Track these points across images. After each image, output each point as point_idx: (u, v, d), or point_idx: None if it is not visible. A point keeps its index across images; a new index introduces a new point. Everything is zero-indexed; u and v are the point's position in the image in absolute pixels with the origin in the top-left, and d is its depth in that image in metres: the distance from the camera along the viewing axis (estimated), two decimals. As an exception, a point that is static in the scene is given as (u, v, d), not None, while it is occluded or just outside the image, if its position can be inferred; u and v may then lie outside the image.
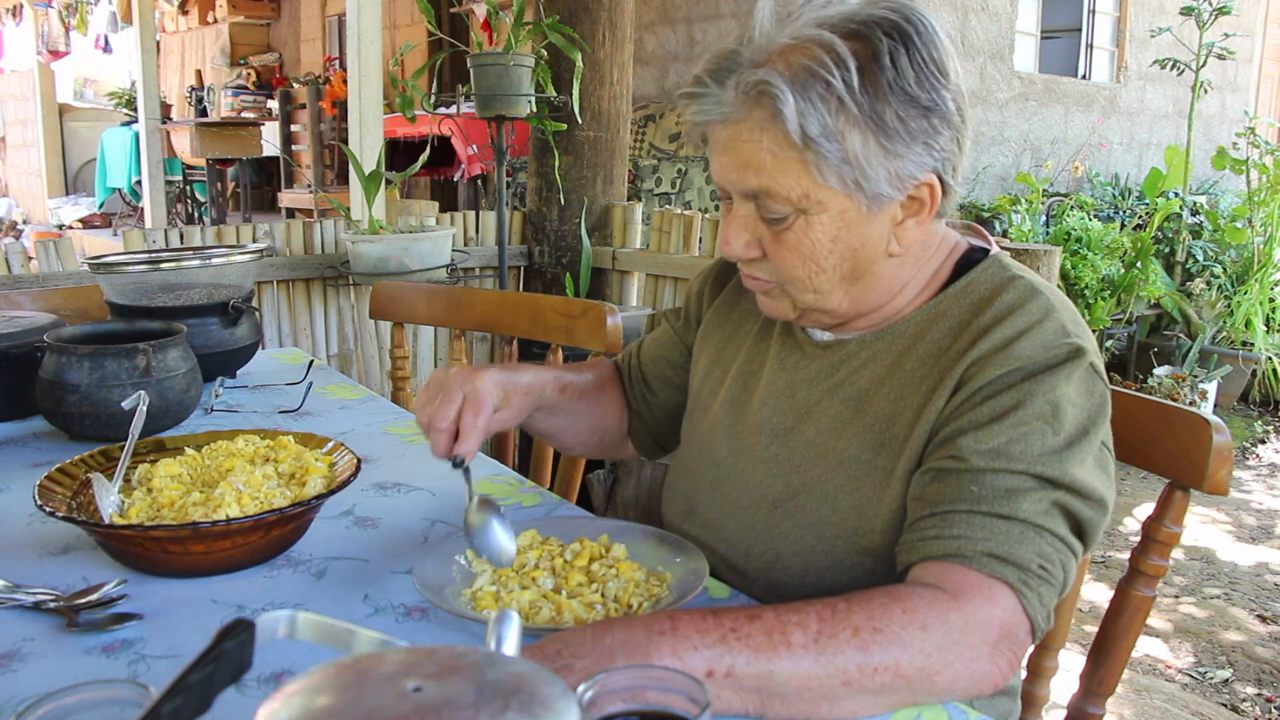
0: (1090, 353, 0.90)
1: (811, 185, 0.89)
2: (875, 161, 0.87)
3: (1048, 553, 0.83)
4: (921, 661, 0.77)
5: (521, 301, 1.87)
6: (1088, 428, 0.88)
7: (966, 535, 0.83)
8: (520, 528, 1.05)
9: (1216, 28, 5.43)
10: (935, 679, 0.78)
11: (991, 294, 0.95)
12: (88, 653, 0.84)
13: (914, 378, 0.95)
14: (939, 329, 0.96)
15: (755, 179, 0.90)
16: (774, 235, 0.93)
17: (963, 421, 0.88)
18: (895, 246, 0.94)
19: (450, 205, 6.30)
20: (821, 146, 0.86)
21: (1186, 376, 4.85)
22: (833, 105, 0.85)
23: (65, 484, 1.05)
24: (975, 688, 0.80)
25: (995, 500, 0.84)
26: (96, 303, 1.92)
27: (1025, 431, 0.86)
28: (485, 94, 3.10)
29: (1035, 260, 3.41)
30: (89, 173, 9.64)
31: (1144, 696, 2.46)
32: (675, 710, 0.61)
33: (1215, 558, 3.49)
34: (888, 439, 0.94)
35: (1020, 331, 0.90)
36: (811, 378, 1.02)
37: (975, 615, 0.80)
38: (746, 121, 0.88)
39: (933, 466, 0.89)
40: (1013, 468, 0.85)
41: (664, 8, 6.36)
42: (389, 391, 2.77)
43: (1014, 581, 0.82)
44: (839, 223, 0.91)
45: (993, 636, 0.80)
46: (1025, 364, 0.88)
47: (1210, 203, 6.05)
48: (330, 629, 0.63)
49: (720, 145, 0.92)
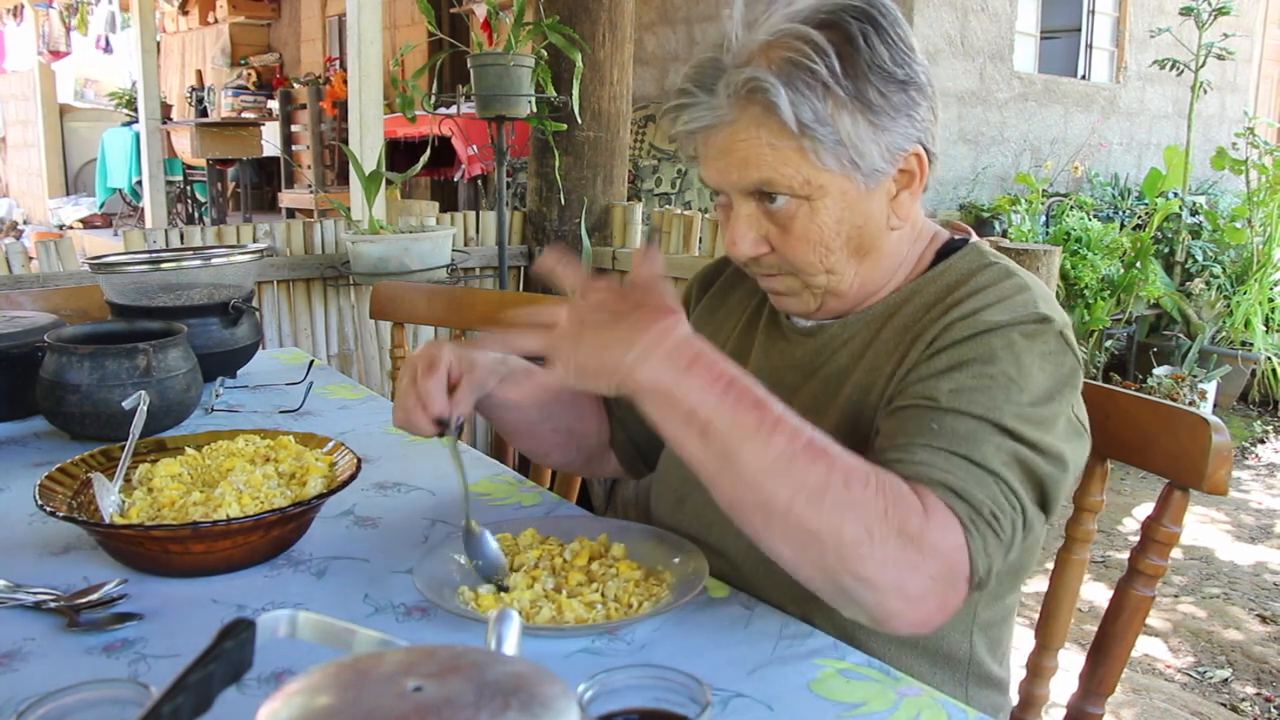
0: (1059, 324, 0.91)
1: (812, 171, 0.91)
2: (866, 139, 0.91)
3: (1001, 503, 0.83)
4: (862, 537, 0.77)
5: (522, 301, 1.87)
6: (1054, 394, 0.88)
7: (927, 462, 0.83)
8: (520, 527, 1.06)
9: (1216, 28, 5.43)
10: (864, 563, 0.77)
11: (967, 275, 0.98)
12: (88, 652, 0.84)
13: (887, 348, 0.97)
14: (913, 305, 0.98)
15: (757, 174, 0.92)
16: (780, 228, 0.95)
17: (923, 369, 0.90)
18: (895, 220, 0.97)
19: (450, 205, 6.30)
20: (816, 131, 0.89)
21: (1186, 376, 4.85)
22: (820, 91, 0.89)
23: (66, 484, 1.05)
24: (894, 605, 0.78)
25: (954, 440, 0.84)
26: (97, 303, 1.93)
27: (988, 383, 0.86)
28: (485, 94, 3.10)
29: (1035, 260, 3.41)
30: (89, 173, 9.65)
31: (1143, 696, 2.46)
32: (675, 710, 0.61)
33: (1214, 557, 3.49)
34: (864, 408, 0.96)
35: (990, 302, 0.92)
36: (795, 363, 1.05)
37: (931, 534, 0.79)
38: (741, 120, 0.91)
39: (894, 406, 0.90)
40: (973, 410, 0.85)
41: (664, 8, 6.37)
42: (389, 391, 2.78)
43: (964, 519, 0.81)
44: (841, 203, 0.94)
45: (935, 566, 0.79)
46: (990, 325, 0.89)
47: (1210, 203, 6.05)
48: (330, 629, 0.63)
49: (716, 149, 0.94)
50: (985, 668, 1.03)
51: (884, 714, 0.78)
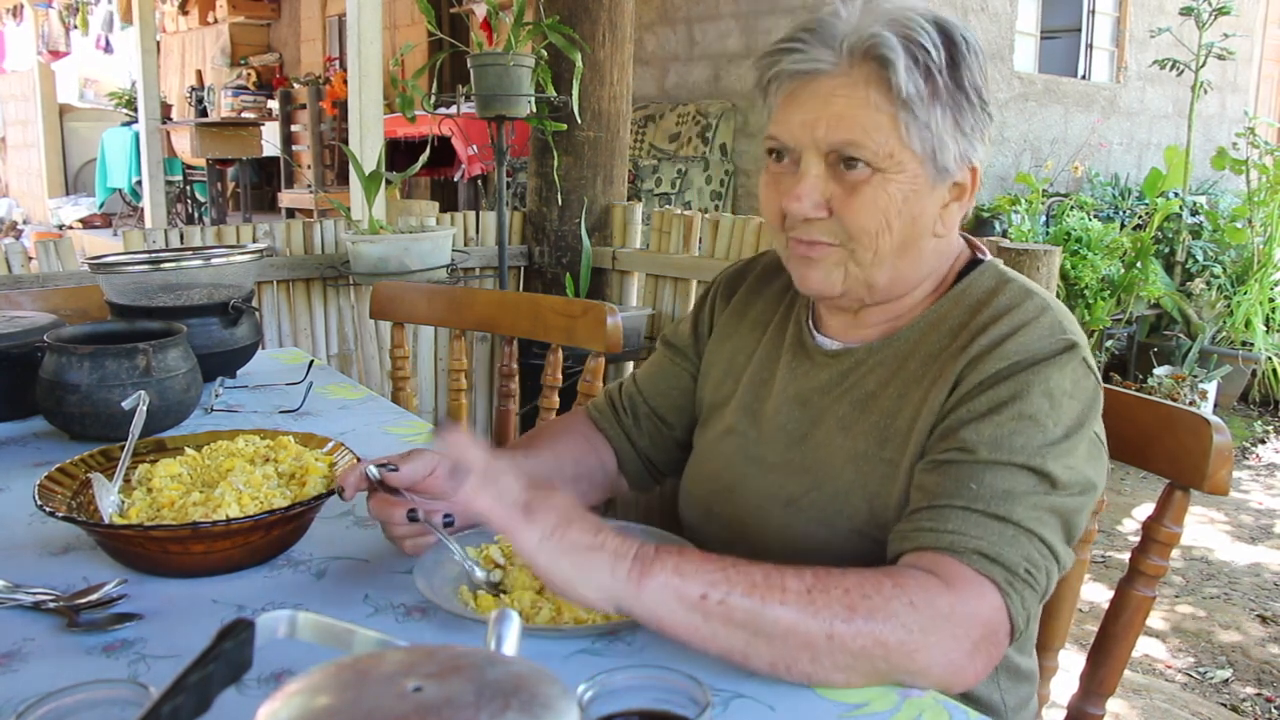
0: (1082, 348, 0.94)
1: (897, 144, 0.94)
2: (949, 135, 0.95)
3: (1035, 558, 0.86)
4: (903, 635, 0.79)
5: (521, 301, 1.87)
6: (1083, 420, 0.91)
7: (960, 531, 0.86)
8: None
9: (1216, 28, 5.42)
10: (914, 656, 0.79)
11: (988, 296, 0.99)
12: (88, 652, 0.84)
13: (915, 376, 0.98)
14: (940, 331, 1.00)
15: (848, 132, 0.93)
16: (847, 191, 0.96)
17: (962, 413, 0.91)
18: (940, 227, 1.00)
19: (450, 205, 6.30)
20: (915, 108, 0.92)
21: (1186, 376, 4.85)
22: (926, 75, 0.93)
23: (65, 484, 1.05)
24: (950, 679, 0.81)
25: (992, 500, 0.86)
26: (97, 303, 1.92)
27: (1024, 424, 0.89)
28: (485, 94, 3.10)
29: (1035, 260, 3.40)
30: (89, 173, 9.64)
31: (1144, 696, 2.46)
32: (675, 710, 0.61)
33: (1214, 557, 3.49)
34: (892, 433, 0.97)
35: (1016, 328, 0.94)
36: (822, 385, 1.05)
37: (963, 606, 0.82)
38: (851, 75, 0.94)
39: (935, 458, 0.92)
40: (1013, 460, 0.87)
41: (664, 8, 6.37)
42: (389, 391, 2.77)
43: (1000, 582, 0.84)
44: (910, 187, 0.96)
45: (977, 632, 0.82)
46: (1021, 358, 0.92)
47: (1210, 203, 6.04)
48: (330, 629, 0.63)
49: (810, 98, 0.95)
50: (1012, 661, 1.04)
51: (886, 714, 0.78)
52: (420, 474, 0.98)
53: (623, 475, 1.25)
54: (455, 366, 1.97)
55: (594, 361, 1.73)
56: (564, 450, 1.19)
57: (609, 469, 1.23)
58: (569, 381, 2.01)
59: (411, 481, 0.97)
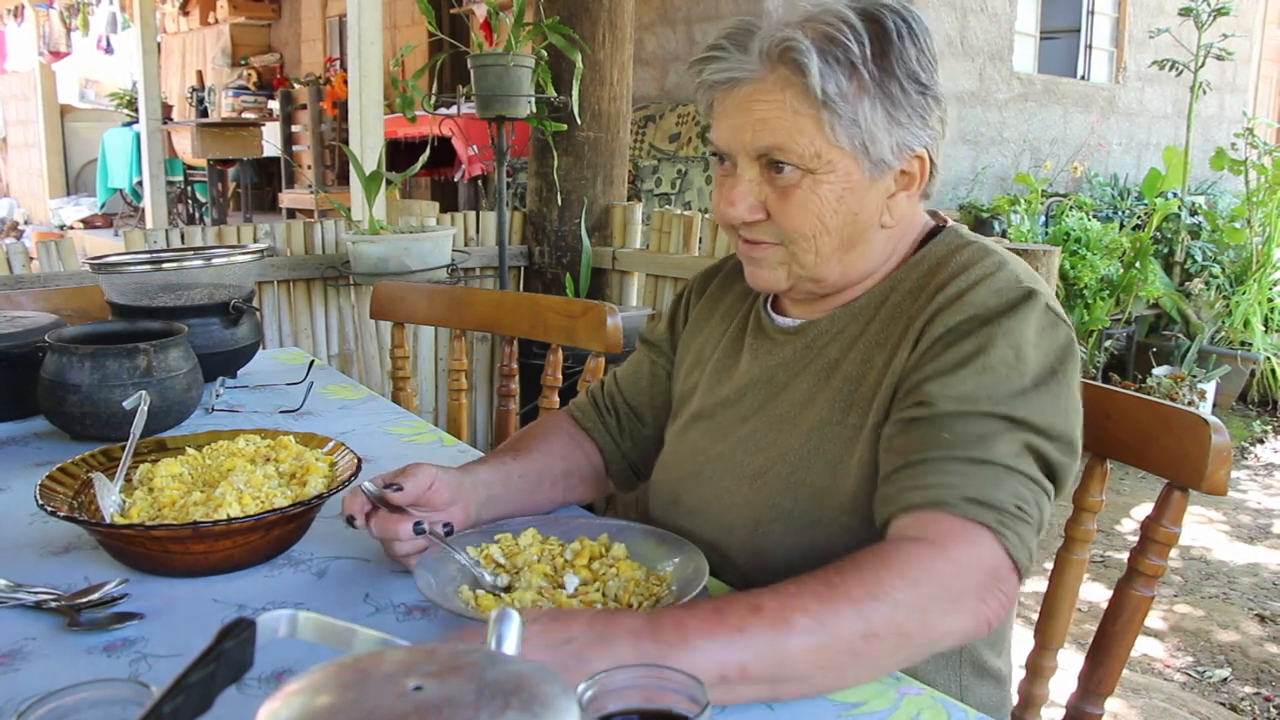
0: (1045, 295, 0.93)
1: (824, 144, 0.93)
2: (881, 128, 0.94)
3: (1023, 493, 0.85)
4: (919, 617, 0.79)
5: (521, 301, 1.87)
6: (1055, 368, 0.90)
7: (943, 483, 0.85)
8: (521, 527, 1.06)
9: (1215, 28, 5.42)
10: (934, 628, 0.80)
11: (947, 255, 1.00)
12: (89, 652, 0.85)
13: (878, 339, 0.98)
14: (899, 293, 1.00)
15: (771, 136, 0.94)
16: (780, 195, 0.96)
17: (927, 370, 0.91)
18: (888, 218, 0.99)
19: (450, 205, 6.30)
20: (837, 106, 0.92)
21: (1185, 376, 4.85)
22: (848, 70, 0.92)
23: (66, 484, 1.05)
24: (972, 630, 0.82)
25: (967, 445, 0.86)
26: (98, 303, 1.93)
27: (991, 376, 0.88)
28: (485, 94, 3.10)
29: (1034, 260, 3.41)
30: (90, 173, 9.64)
31: (1143, 696, 2.46)
32: (675, 710, 0.61)
33: (1213, 557, 3.49)
34: (856, 398, 0.97)
35: (974, 282, 0.94)
36: (785, 361, 1.06)
37: (961, 561, 0.82)
38: (769, 79, 0.94)
39: (902, 417, 0.91)
40: (980, 409, 0.87)
41: (664, 8, 6.37)
42: (389, 391, 2.77)
43: (993, 524, 0.83)
44: (844, 184, 0.95)
45: (980, 579, 0.82)
46: (981, 310, 0.91)
47: (1209, 203, 6.05)
48: (331, 628, 0.63)
49: (735, 106, 0.96)
50: (981, 657, 1.04)
51: (884, 713, 0.78)
52: (421, 488, 0.98)
53: (610, 474, 1.26)
54: (455, 366, 1.97)
55: (594, 361, 1.73)
56: (552, 449, 1.20)
57: (597, 466, 1.24)
58: (569, 381, 2.01)
59: (415, 498, 0.97)
